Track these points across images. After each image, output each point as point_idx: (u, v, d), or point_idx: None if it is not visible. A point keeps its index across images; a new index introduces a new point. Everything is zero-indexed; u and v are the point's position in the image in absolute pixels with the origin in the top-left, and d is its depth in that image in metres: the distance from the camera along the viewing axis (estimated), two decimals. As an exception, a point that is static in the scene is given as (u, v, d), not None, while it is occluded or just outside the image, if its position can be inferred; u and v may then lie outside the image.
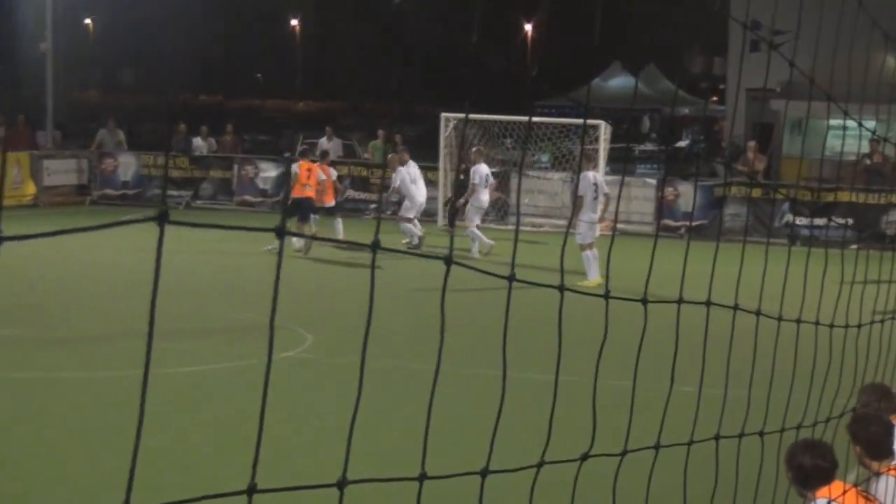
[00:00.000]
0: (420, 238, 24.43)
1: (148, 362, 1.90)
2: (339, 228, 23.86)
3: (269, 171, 32.10)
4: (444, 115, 30.05)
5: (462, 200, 24.64)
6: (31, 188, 30.33)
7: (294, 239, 22.01)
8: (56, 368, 12.75)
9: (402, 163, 25.13)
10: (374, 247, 2.31)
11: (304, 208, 23.20)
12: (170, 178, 32.07)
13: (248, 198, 31.90)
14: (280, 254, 2.12)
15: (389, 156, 25.42)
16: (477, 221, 24.36)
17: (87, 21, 76.20)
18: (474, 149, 25.81)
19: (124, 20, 68.81)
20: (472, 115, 29.81)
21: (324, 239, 21.41)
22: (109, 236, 20.74)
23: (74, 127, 44.17)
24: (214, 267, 20.64)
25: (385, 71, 72.07)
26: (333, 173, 25.28)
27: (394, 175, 24.90)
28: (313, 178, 23.68)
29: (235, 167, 32.23)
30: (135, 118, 58.01)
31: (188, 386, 12.13)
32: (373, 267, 2.32)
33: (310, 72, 77.27)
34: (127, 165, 32.52)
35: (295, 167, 24.41)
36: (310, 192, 23.47)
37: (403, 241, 23.96)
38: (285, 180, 31.67)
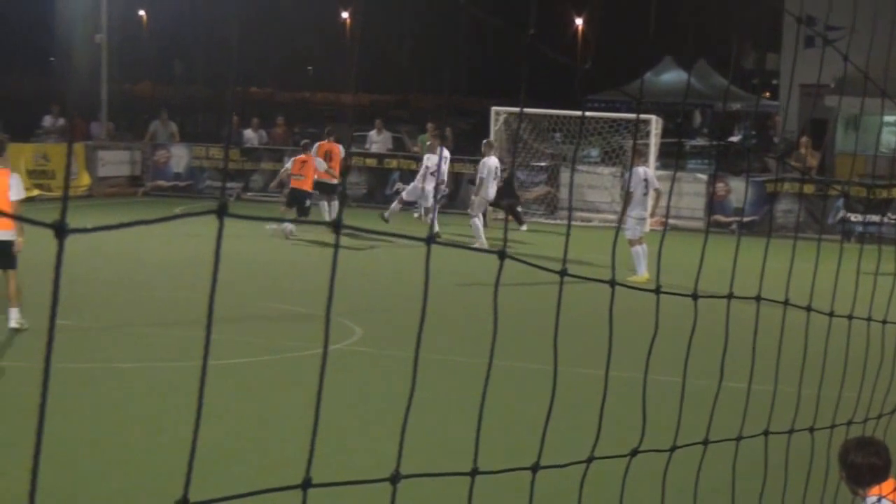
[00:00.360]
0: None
1: (206, 354, 1.93)
2: (326, 209, 24.75)
3: (318, 164, 32.24)
4: (494, 108, 30.02)
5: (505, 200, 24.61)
6: (85, 179, 30.68)
7: (269, 224, 23.14)
8: (111, 359, 12.88)
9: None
10: (430, 241, 2.33)
11: (298, 198, 24.04)
12: (221, 170, 32.36)
13: (298, 190, 32.09)
14: (336, 248, 2.15)
15: (485, 142, 25.37)
16: (479, 214, 24.22)
17: (141, 13, 76.76)
18: (485, 141, 25.61)
19: (177, 12, 69.25)
20: (524, 110, 29.77)
21: (368, 231, 21.43)
22: (160, 226, 20.96)
23: (127, 118, 44.54)
24: (265, 258, 20.76)
25: (436, 63, 72.09)
26: (341, 150, 25.79)
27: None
28: (307, 169, 24.37)
29: (286, 159, 32.40)
30: (187, 110, 58.40)
31: (238, 377, 12.22)
32: (427, 262, 2.34)
33: (360, 64, 77.39)
34: (179, 157, 32.83)
35: (288, 161, 25.13)
36: (303, 183, 24.21)
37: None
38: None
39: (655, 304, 3.11)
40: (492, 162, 24.34)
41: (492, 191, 24.29)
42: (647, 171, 20.73)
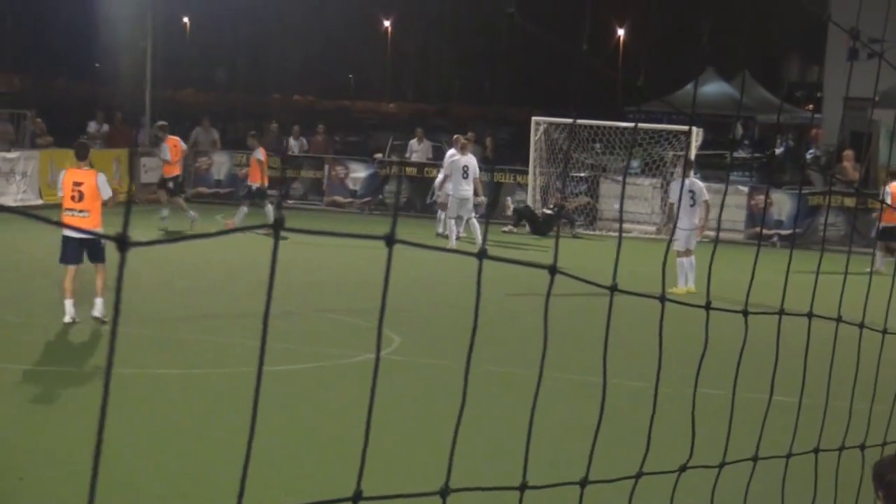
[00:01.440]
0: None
1: (261, 365, 1.93)
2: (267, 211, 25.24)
3: (359, 172, 32.32)
4: (534, 118, 30.00)
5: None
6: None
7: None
8: (154, 364, 12.94)
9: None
10: (481, 256, 2.31)
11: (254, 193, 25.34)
12: (279, 180, 32.49)
13: (338, 198, 32.16)
14: (389, 260, 2.14)
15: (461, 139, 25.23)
16: (454, 214, 24.02)
17: (185, 19, 77.25)
18: (456, 137, 25.26)
19: (220, 19, 69.67)
20: (563, 120, 29.74)
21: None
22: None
23: (169, 125, 44.77)
24: (306, 265, 20.82)
25: (476, 73, 72.20)
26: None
27: (447, 160, 24.65)
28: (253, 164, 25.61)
29: (326, 167, 32.52)
30: (228, 117, 58.73)
31: (279, 385, 12.24)
32: (479, 277, 2.33)
33: (401, 73, 77.56)
34: (220, 164, 33.04)
35: (259, 154, 25.70)
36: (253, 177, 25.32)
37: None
38: (373, 182, 31.88)
39: (705, 321, 3.09)
40: (466, 160, 23.90)
41: (463, 189, 23.80)
42: (696, 182, 20.55)
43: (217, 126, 36.33)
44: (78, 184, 14.70)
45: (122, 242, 1.57)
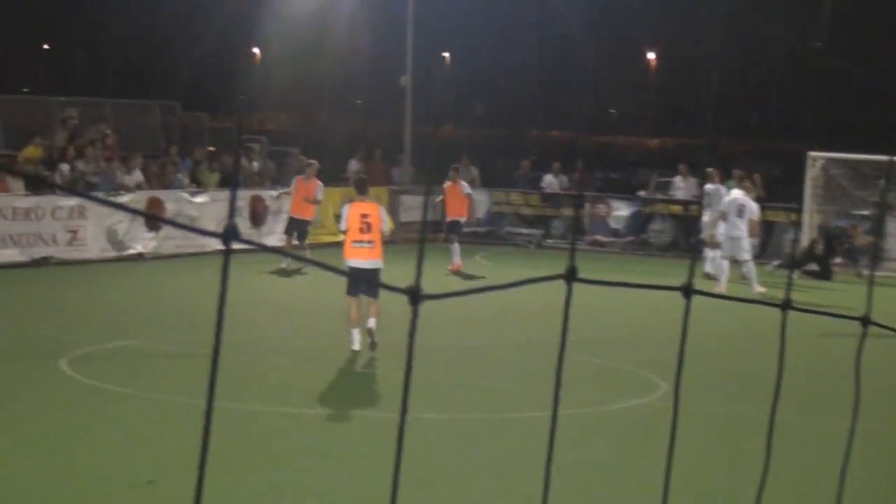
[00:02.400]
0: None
1: (555, 417, 1.90)
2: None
3: (621, 211, 32.13)
4: (810, 153, 29.17)
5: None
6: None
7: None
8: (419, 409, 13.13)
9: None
10: (785, 307, 2.23)
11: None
12: (520, 216, 32.70)
13: (599, 237, 32.05)
14: (686, 311, 2.08)
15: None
16: (728, 254, 23.65)
17: (445, 54, 78.87)
18: (709, 170, 25.94)
19: (480, 53, 70.76)
20: (842, 155, 28.83)
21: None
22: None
23: (426, 161, 45.63)
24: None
25: (744, 106, 70.95)
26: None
27: (714, 194, 25.03)
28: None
29: (587, 206, 32.48)
30: (487, 153, 59.44)
31: (540, 431, 12.21)
32: (783, 329, 2.24)
33: (664, 107, 76.96)
34: (479, 202, 33.26)
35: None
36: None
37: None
38: (636, 220, 31.63)
39: None
40: (742, 199, 23.81)
41: (737, 228, 23.58)
42: None
43: (476, 163, 36.76)
44: (365, 216, 15.82)
45: (415, 296, 1.57)
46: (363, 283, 15.87)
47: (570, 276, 1.93)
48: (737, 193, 23.96)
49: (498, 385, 14.42)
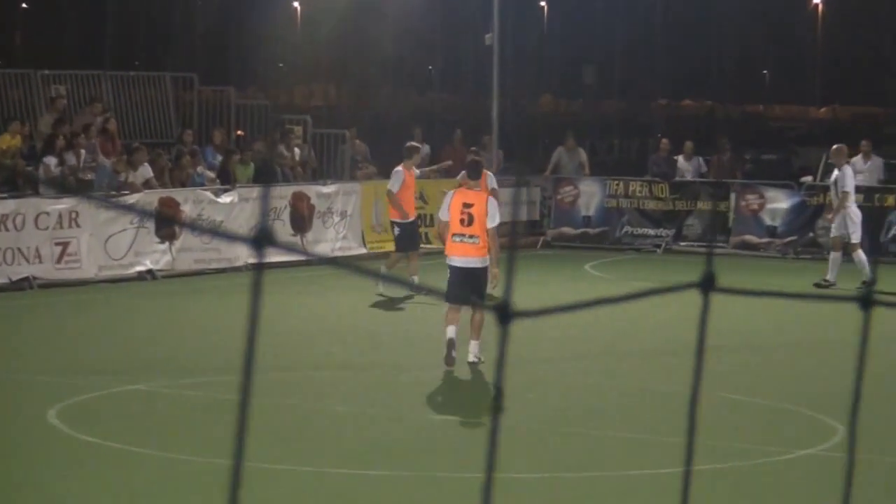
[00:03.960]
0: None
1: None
2: None
3: (778, 202, 31.84)
4: None
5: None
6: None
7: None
8: (548, 466, 13.13)
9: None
10: None
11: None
12: (643, 212, 32.48)
13: (749, 237, 31.74)
14: (864, 329, 2.01)
15: None
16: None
17: (542, 3, 78.45)
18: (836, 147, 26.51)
19: (592, 1, 70.40)
20: None
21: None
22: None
23: (521, 144, 45.55)
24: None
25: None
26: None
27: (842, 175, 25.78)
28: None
29: (733, 197, 32.19)
30: (600, 132, 59.37)
31: (673, 492, 12.13)
32: None
33: (835, 67, 76.34)
34: (589, 195, 33.03)
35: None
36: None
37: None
38: (800, 214, 31.34)
39: None
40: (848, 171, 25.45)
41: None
42: None
43: (585, 145, 36.65)
44: (468, 205, 16.76)
45: (505, 314, 1.53)
46: (468, 286, 16.45)
47: (707, 285, 1.86)
48: None
49: (615, 434, 14.37)
